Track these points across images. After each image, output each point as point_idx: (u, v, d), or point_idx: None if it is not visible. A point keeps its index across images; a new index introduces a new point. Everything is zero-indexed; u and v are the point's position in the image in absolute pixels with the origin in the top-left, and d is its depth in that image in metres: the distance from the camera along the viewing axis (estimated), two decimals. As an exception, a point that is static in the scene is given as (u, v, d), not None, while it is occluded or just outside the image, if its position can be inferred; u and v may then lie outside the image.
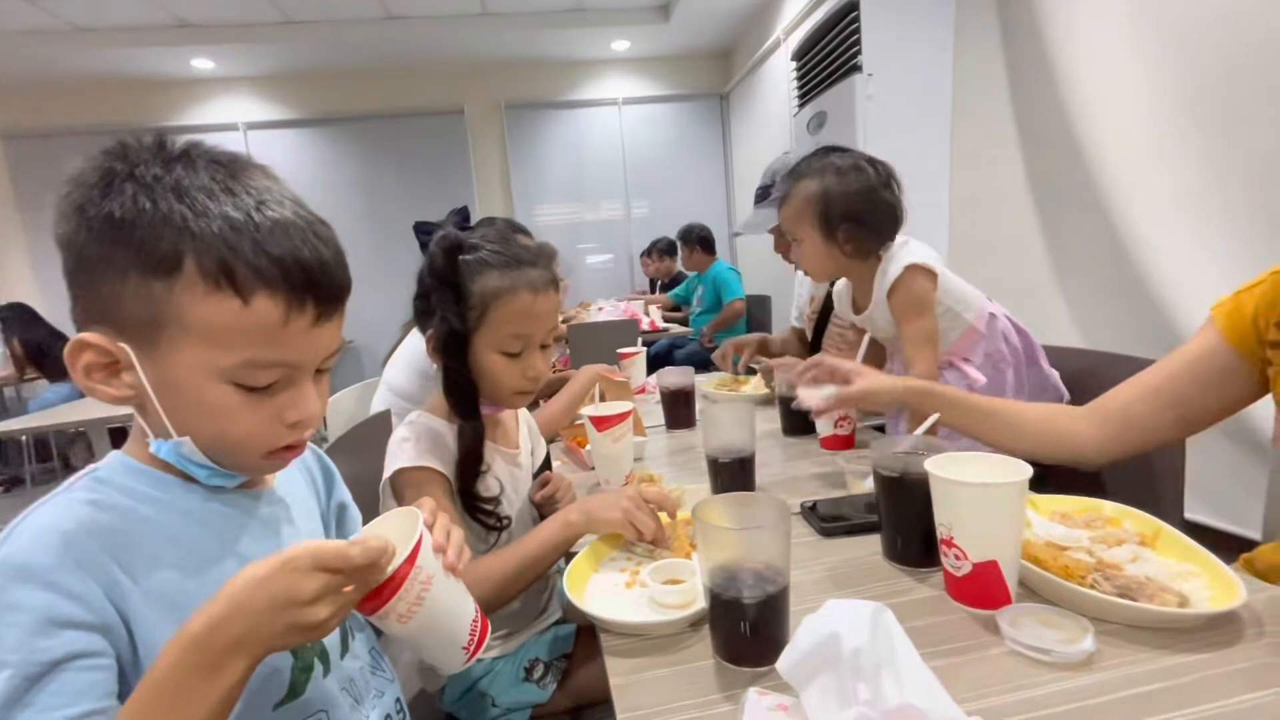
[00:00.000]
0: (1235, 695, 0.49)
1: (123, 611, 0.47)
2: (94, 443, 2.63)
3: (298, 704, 0.55)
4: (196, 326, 0.47)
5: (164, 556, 0.50)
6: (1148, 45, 1.79)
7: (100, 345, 0.47)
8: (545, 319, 0.88)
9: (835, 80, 2.76)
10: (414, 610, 0.51)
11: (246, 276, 0.47)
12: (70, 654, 0.43)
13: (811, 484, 1.03)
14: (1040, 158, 2.24)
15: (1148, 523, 0.72)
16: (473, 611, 0.56)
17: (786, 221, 1.17)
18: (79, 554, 0.46)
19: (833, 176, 1.08)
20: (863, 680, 0.44)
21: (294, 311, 0.49)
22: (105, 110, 4.54)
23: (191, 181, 0.47)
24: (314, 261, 0.49)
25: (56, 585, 0.44)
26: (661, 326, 3.77)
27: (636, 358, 1.84)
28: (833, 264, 1.12)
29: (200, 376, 0.48)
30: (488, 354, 0.86)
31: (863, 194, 1.06)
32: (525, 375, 0.88)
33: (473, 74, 4.93)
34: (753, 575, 0.57)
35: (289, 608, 0.44)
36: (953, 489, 0.62)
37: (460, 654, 0.55)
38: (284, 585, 0.44)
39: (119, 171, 0.46)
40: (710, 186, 5.36)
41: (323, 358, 0.54)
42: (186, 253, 0.46)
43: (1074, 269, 2.17)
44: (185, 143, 0.50)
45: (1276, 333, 0.73)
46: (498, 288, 0.84)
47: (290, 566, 0.44)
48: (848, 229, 1.08)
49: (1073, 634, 0.56)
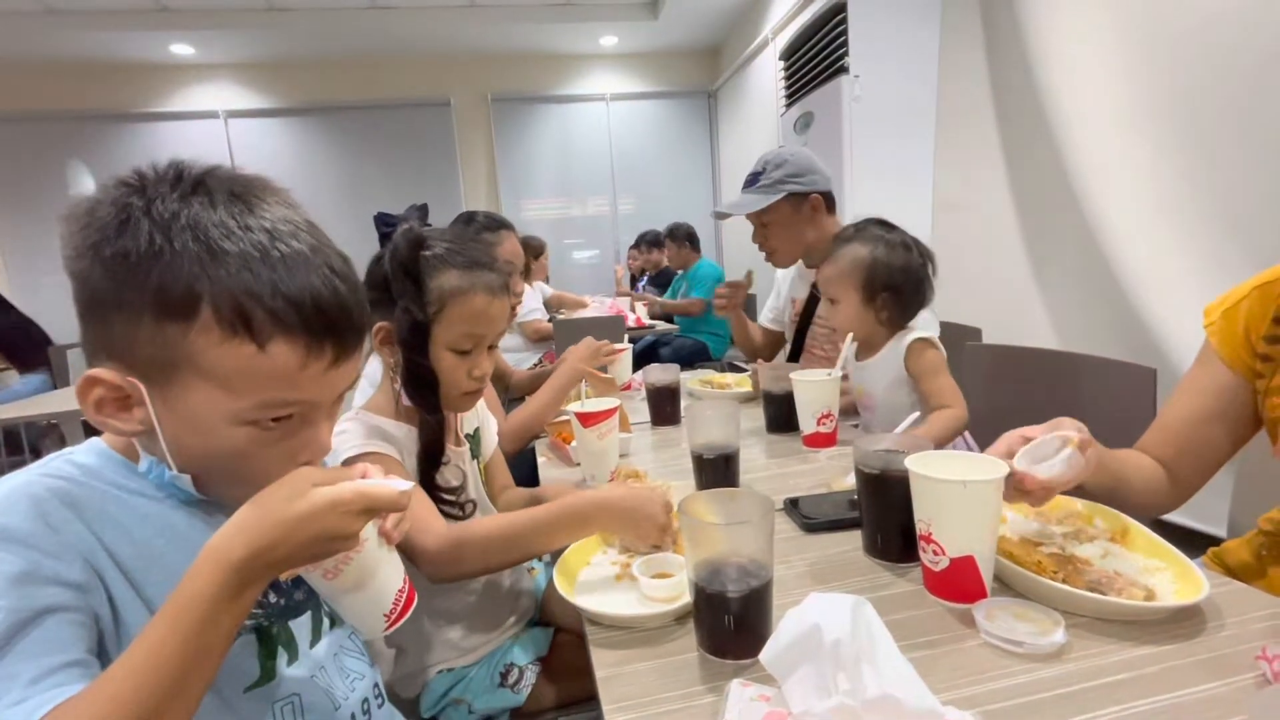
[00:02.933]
0: (1198, 685, 0.51)
1: (100, 573, 0.47)
2: (67, 435, 2.57)
3: (269, 688, 0.56)
4: (211, 371, 0.46)
5: (136, 530, 0.50)
6: (1128, 52, 1.83)
7: (111, 382, 0.47)
8: (498, 321, 0.90)
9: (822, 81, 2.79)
10: (341, 568, 0.51)
11: (264, 322, 0.46)
12: (52, 605, 0.43)
13: (795, 480, 1.05)
14: (1022, 162, 2.28)
15: (1117, 520, 0.74)
16: (400, 582, 0.57)
17: (828, 280, 1.21)
18: (53, 519, 0.46)
19: (883, 248, 1.16)
20: (843, 671, 0.45)
21: (312, 355, 0.48)
22: (79, 96, 4.43)
23: (208, 218, 0.46)
24: (333, 303, 0.49)
25: (35, 545, 0.44)
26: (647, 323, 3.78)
27: (622, 354, 1.85)
28: (863, 327, 1.19)
29: (213, 418, 0.48)
30: (439, 351, 0.87)
31: (905, 270, 1.14)
32: (471, 374, 0.88)
33: (459, 65, 4.89)
34: (737, 569, 0.58)
35: (331, 541, 0.47)
36: (932, 486, 0.63)
37: (381, 621, 0.55)
38: (333, 525, 0.47)
39: (135, 207, 0.45)
40: (697, 184, 5.37)
41: (340, 391, 0.54)
42: (203, 297, 0.45)
43: (1053, 271, 2.21)
44: (202, 170, 0.49)
45: (1266, 346, 0.75)
46: (456, 287, 0.85)
47: (342, 509, 0.47)
48: (886, 298, 1.15)
49: (1044, 627, 0.57)
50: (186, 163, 0.49)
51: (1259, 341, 0.76)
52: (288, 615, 0.60)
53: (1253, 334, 0.76)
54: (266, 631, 0.57)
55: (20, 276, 4.39)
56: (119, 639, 0.47)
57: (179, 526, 0.53)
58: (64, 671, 0.41)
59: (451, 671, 0.91)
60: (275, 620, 0.58)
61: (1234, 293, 0.79)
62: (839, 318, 1.21)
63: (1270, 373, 0.75)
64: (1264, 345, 0.75)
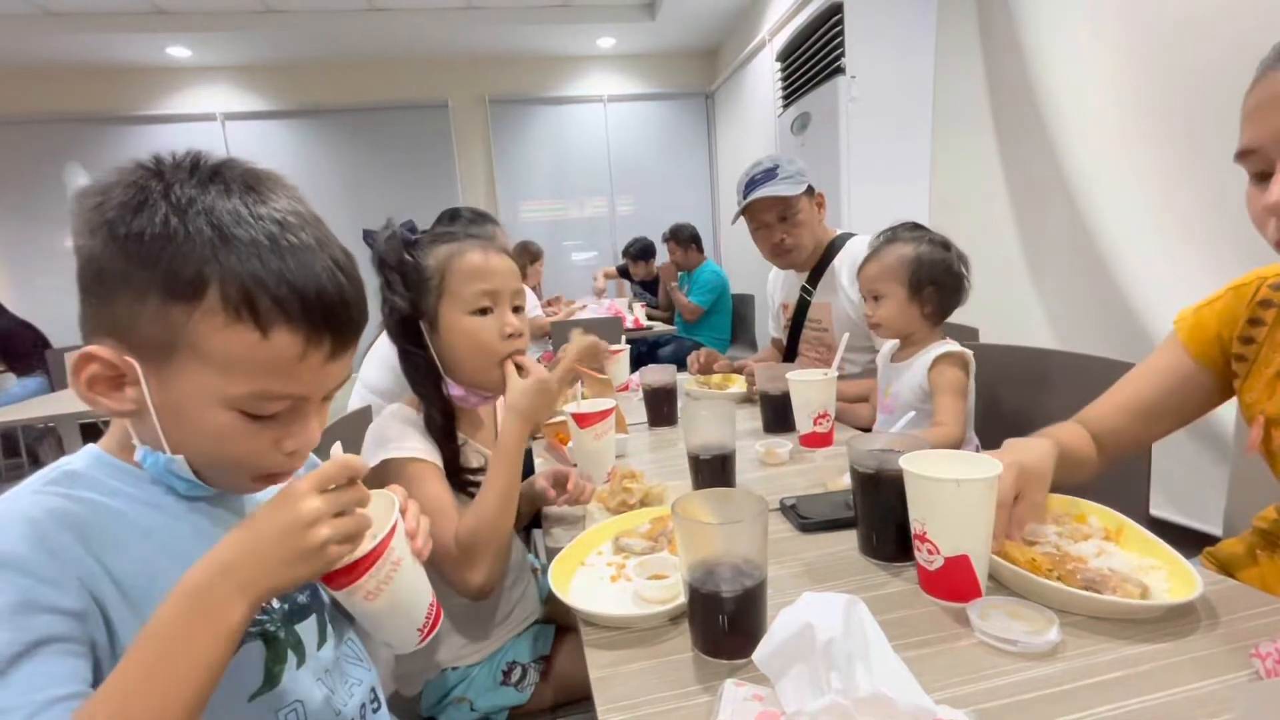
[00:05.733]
0: (1191, 683, 0.51)
1: (99, 599, 0.47)
2: (64, 438, 2.56)
3: (273, 695, 0.55)
4: (211, 354, 0.47)
5: (137, 547, 0.50)
6: (1123, 53, 1.84)
7: (107, 359, 0.47)
8: (504, 275, 0.91)
9: (819, 82, 2.79)
10: (382, 589, 0.53)
11: (269, 310, 0.47)
12: (49, 636, 0.43)
13: (791, 480, 1.05)
14: (1017, 161, 2.29)
15: (1112, 518, 0.74)
16: (430, 595, 0.59)
17: (873, 278, 1.24)
18: (51, 543, 0.45)
19: (926, 245, 1.21)
20: (836, 670, 0.45)
21: (311, 346, 0.49)
22: (76, 99, 4.41)
23: (223, 205, 0.47)
24: (335, 295, 0.50)
25: (31, 571, 0.44)
26: (645, 324, 3.79)
27: (620, 355, 1.85)
28: (907, 322, 1.22)
29: (207, 400, 0.48)
30: (460, 318, 0.88)
31: (947, 266, 1.20)
32: (503, 332, 0.89)
33: (457, 67, 4.89)
34: (731, 569, 0.58)
35: (291, 532, 0.46)
36: (926, 485, 0.63)
37: (415, 635, 0.57)
38: (286, 511, 0.47)
39: (154, 190, 0.46)
40: (695, 184, 5.37)
41: (330, 389, 0.54)
42: (211, 280, 0.46)
43: (1048, 271, 2.21)
44: (219, 161, 0.50)
45: (1240, 346, 0.76)
46: (449, 252, 0.89)
47: (288, 493, 0.47)
48: (930, 292, 1.20)
49: (1039, 625, 0.57)
50: (204, 152, 0.50)
51: (1233, 341, 0.77)
52: (294, 619, 0.59)
53: (1225, 333, 0.78)
54: (274, 637, 0.56)
55: (17, 279, 4.38)
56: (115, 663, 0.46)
57: (178, 539, 0.52)
58: (59, 705, 0.41)
59: (454, 670, 0.91)
60: (281, 625, 0.58)
61: (1209, 297, 0.82)
62: (883, 312, 1.23)
63: (1245, 372, 0.77)
64: (1238, 345, 0.77)
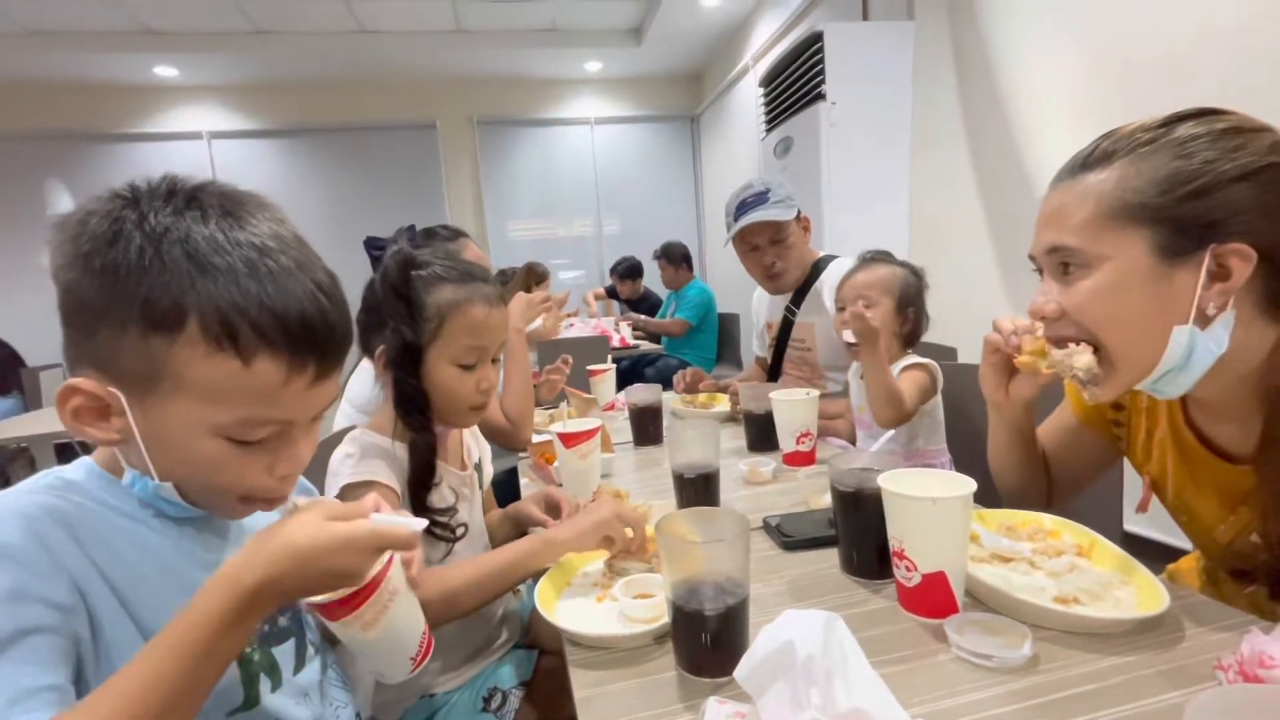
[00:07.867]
0: (1161, 694, 0.53)
1: (87, 596, 0.47)
2: (37, 459, 2.51)
3: (251, 714, 0.55)
4: (194, 384, 0.47)
5: (128, 553, 0.50)
6: (1094, 74, 1.90)
7: (91, 391, 0.47)
8: (498, 331, 0.91)
9: (801, 107, 2.86)
10: (378, 619, 0.53)
11: (249, 338, 0.47)
12: (36, 626, 0.43)
13: (775, 499, 1.06)
14: (994, 184, 2.35)
15: (1084, 535, 0.76)
16: (423, 624, 0.59)
17: (866, 285, 1.30)
18: (45, 538, 0.46)
19: (905, 271, 1.32)
20: (815, 686, 0.46)
21: (295, 372, 0.49)
22: (62, 116, 4.40)
23: (199, 233, 0.47)
24: (318, 319, 0.49)
25: (24, 562, 0.44)
26: (631, 343, 3.81)
27: (606, 374, 1.86)
28: (887, 335, 1.28)
29: (193, 429, 0.48)
30: (443, 367, 0.87)
31: (919, 295, 1.33)
32: (479, 388, 0.89)
33: (445, 89, 4.94)
34: (713, 588, 0.59)
35: (341, 577, 0.48)
36: (902, 503, 0.65)
37: (408, 663, 0.57)
38: (346, 562, 0.48)
39: (129, 220, 0.46)
40: (681, 206, 5.45)
41: (318, 410, 0.54)
42: (190, 311, 0.45)
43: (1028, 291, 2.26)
44: (195, 185, 0.49)
45: (1114, 413, 0.83)
46: (454, 300, 0.86)
47: (355, 547, 0.48)
48: (911, 313, 1.31)
49: (1013, 640, 0.59)
50: (180, 177, 0.49)
51: (1107, 409, 0.84)
52: (270, 641, 0.59)
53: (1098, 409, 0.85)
54: (247, 657, 0.56)
55: (-6, 297, 4.32)
56: (98, 661, 0.47)
57: (165, 554, 0.53)
58: (42, 694, 0.41)
59: (433, 697, 0.90)
60: (256, 646, 0.58)
61: None
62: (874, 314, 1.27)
63: (1125, 436, 0.83)
64: (1112, 412, 0.84)
